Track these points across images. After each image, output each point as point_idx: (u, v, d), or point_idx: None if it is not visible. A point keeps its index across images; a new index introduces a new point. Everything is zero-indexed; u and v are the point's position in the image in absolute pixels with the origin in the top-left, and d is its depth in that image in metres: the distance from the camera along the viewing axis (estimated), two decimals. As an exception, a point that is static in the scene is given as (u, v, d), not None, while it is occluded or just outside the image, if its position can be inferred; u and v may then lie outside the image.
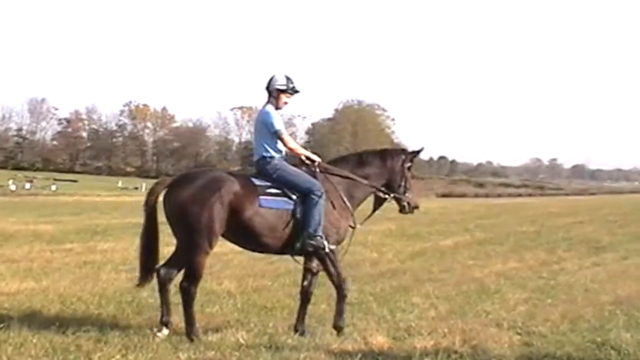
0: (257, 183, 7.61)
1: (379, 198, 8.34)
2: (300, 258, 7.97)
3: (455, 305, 9.90)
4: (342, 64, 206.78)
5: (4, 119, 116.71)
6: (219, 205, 7.26)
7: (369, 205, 8.36)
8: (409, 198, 8.31)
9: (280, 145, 7.91)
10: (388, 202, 8.37)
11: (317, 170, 7.92)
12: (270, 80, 7.97)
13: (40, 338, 6.94)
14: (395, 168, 8.25)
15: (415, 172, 8.43)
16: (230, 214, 7.33)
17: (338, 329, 7.69)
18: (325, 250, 7.61)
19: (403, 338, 7.63)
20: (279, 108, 7.99)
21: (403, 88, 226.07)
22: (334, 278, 7.82)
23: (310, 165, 7.95)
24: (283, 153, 7.96)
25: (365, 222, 8.16)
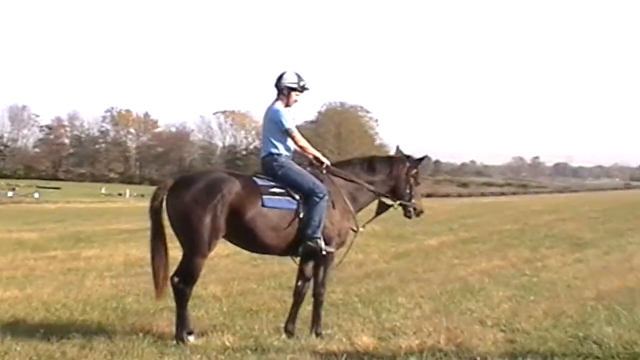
0: (260, 183, 7.58)
1: (383, 204, 8.34)
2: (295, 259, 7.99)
3: (440, 305, 9.94)
4: (325, 67, 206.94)
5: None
6: (221, 208, 7.23)
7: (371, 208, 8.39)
8: (415, 204, 8.34)
9: (289, 144, 7.87)
10: (395, 209, 8.39)
11: (323, 172, 7.92)
12: (281, 78, 7.89)
13: (25, 346, 6.91)
14: (401, 175, 8.26)
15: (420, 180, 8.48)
16: (233, 216, 7.29)
17: (318, 335, 7.67)
18: (323, 253, 7.63)
19: (388, 338, 7.64)
20: (289, 106, 7.94)
21: (386, 89, 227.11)
22: (318, 283, 7.82)
23: (318, 167, 7.94)
24: (291, 152, 7.94)
25: (367, 225, 8.19)
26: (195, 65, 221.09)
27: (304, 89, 8.00)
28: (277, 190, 7.57)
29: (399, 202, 8.31)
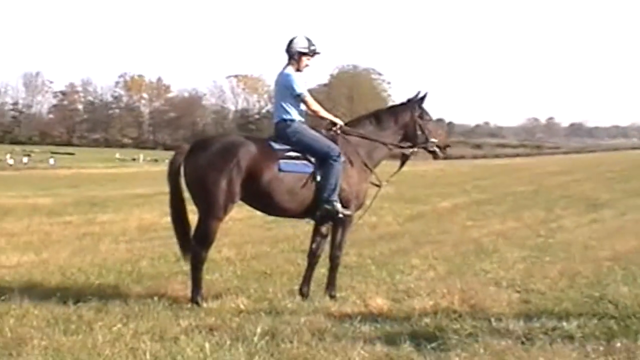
0: (275, 147, 7.55)
1: (404, 155, 8.27)
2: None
3: (454, 266, 9.93)
4: (336, 29, 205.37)
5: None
6: (236, 171, 7.23)
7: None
8: (436, 142, 8.20)
9: (302, 108, 7.81)
10: (415, 155, 8.33)
11: (338, 133, 7.86)
12: (291, 43, 7.80)
13: (42, 309, 6.97)
14: (408, 121, 8.13)
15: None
16: (249, 179, 7.29)
17: (332, 297, 7.69)
18: (339, 216, 7.61)
19: (402, 300, 7.65)
20: (300, 70, 7.87)
21: (398, 51, 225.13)
22: (335, 245, 7.83)
23: (332, 129, 7.87)
24: (304, 116, 7.88)
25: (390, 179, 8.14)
26: (207, 29, 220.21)
27: (315, 53, 7.91)
28: (292, 154, 7.54)
29: (416, 148, 8.23)
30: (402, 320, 6.64)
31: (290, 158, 7.49)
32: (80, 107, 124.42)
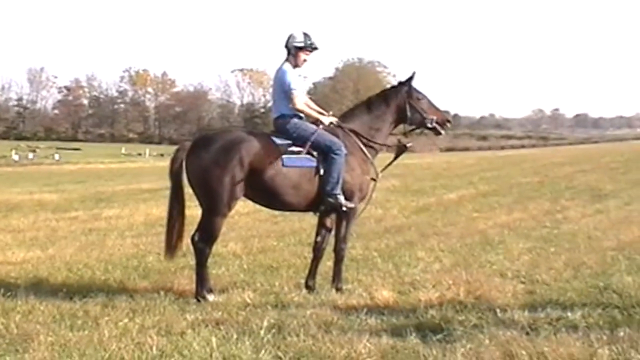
0: (278, 142, 7.55)
1: (400, 146, 8.25)
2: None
3: (460, 258, 9.94)
4: (342, 22, 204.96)
5: (4, 89, 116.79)
6: (239, 168, 7.25)
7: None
8: (434, 119, 8.10)
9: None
10: (419, 133, 8.36)
11: (338, 126, 7.87)
12: (288, 38, 7.84)
13: (48, 305, 7.01)
14: (400, 103, 8.09)
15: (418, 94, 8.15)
16: (252, 175, 7.31)
17: (338, 290, 7.71)
18: (343, 209, 7.62)
19: (408, 292, 7.68)
20: (298, 66, 7.88)
21: (404, 44, 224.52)
22: (339, 238, 7.86)
23: (325, 125, 7.85)
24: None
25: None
26: (211, 23, 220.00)
27: (313, 48, 7.92)
28: (295, 149, 7.55)
29: (411, 129, 8.24)
30: (408, 312, 6.68)
31: (293, 153, 7.50)
32: (85, 102, 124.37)
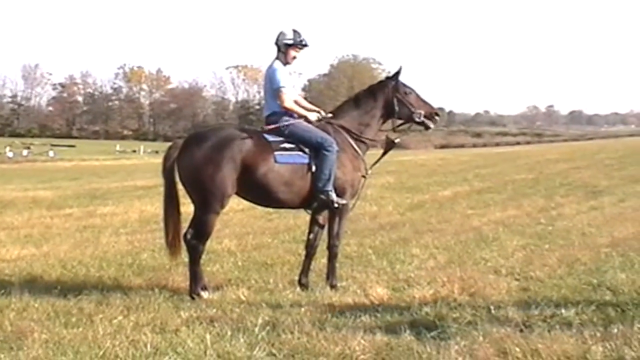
0: (270, 139, 7.55)
1: (389, 142, 8.25)
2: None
3: (454, 255, 9.95)
4: (336, 19, 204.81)
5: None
6: (232, 165, 7.25)
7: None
8: (422, 113, 8.07)
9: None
10: (408, 128, 8.33)
11: (330, 123, 7.88)
12: (278, 36, 7.84)
13: (42, 302, 7.01)
14: (388, 98, 8.09)
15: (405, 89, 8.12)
16: (244, 172, 7.31)
17: (333, 287, 7.72)
18: (335, 205, 7.63)
19: (402, 289, 7.68)
20: (288, 63, 7.90)
21: (398, 41, 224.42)
22: (332, 235, 7.86)
23: (327, 121, 7.88)
24: None
25: (372, 167, 8.15)
26: (206, 20, 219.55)
27: (303, 45, 7.92)
28: (287, 146, 7.55)
29: (407, 122, 8.21)
30: (402, 309, 6.68)
31: (285, 149, 7.51)
32: (80, 99, 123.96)
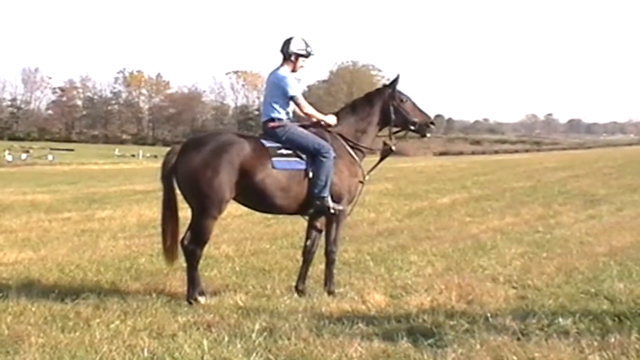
0: (267, 145, 7.57)
1: (386, 149, 8.27)
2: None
3: (452, 262, 9.95)
4: (335, 26, 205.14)
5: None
6: (230, 170, 7.24)
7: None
8: (418, 121, 8.13)
9: (290, 109, 7.85)
10: (403, 136, 8.35)
11: (327, 130, 7.88)
12: (288, 44, 7.81)
13: (40, 306, 7.00)
14: (384, 106, 8.11)
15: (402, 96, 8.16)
16: (242, 178, 7.31)
17: (330, 293, 7.71)
18: (331, 212, 7.63)
19: (400, 296, 7.68)
20: (295, 71, 7.90)
21: (398, 48, 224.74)
22: (329, 241, 7.86)
23: (324, 128, 7.89)
24: (291, 114, 7.91)
25: (370, 174, 8.17)
26: (206, 25, 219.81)
27: (310, 55, 7.95)
28: (285, 152, 7.57)
29: (402, 129, 8.24)
30: (399, 317, 6.67)
31: (283, 155, 7.52)
32: (79, 103, 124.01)
